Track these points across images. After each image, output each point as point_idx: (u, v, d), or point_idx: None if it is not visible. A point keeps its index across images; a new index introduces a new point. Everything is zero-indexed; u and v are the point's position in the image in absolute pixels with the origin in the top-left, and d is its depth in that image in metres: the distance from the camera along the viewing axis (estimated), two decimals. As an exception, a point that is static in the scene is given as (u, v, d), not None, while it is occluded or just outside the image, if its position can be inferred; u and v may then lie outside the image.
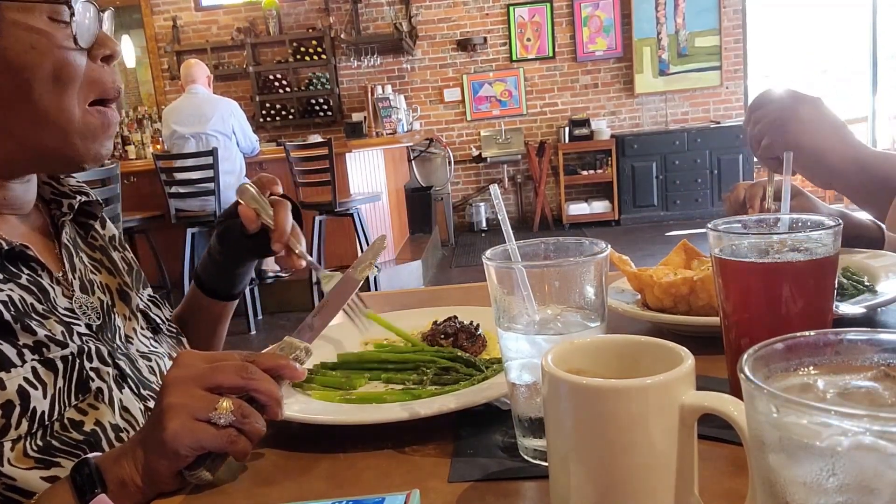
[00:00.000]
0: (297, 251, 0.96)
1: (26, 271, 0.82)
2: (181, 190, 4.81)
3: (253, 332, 4.77)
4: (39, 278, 0.83)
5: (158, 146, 6.08)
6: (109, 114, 0.83)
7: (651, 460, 0.47)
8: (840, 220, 0.67)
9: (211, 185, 4.68)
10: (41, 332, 0.78)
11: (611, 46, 7.75)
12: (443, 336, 0.94)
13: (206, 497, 0.68)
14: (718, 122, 7.66)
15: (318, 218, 4.76)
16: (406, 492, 0.58)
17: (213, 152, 4.65)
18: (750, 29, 7.74)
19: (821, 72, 8.04)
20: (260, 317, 5.03)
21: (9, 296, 0.77)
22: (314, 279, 4.72)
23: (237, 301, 1.14)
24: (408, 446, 0.73)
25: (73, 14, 0.77)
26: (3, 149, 0.80)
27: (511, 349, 0.65)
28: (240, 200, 0.97)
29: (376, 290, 4.64)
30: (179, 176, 4.80)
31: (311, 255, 4.64)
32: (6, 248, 0.79)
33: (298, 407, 0.79)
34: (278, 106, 7.77)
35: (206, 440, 0.67)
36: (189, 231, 4.78)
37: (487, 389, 0.78)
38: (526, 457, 0.67)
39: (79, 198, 0.94)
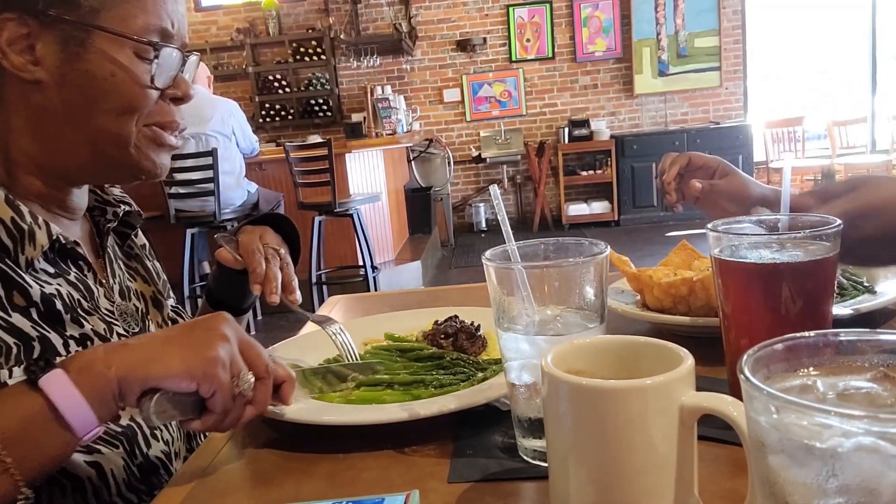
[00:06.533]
0: (287, 299, 0.99)
1: (74, 269, 0.84)
2: (181, 190, 4.80)
3: (253, 332, 4.76)
4: (85, 277, 0.85)
5: (158, 146, 6.07)
6: (164, 134, 0.85)
7: (651, 461, 0.47)
8: (840, 221, 0.67)
9: (211, 186, 4.67)
10: (87, 327, 0.81)
11: (610, 47, 7.75)
12: (443, 336, 0.94)
13: (206, 497, 0.69)
14: (718, 123, 7.65)
15: (317, 218, 4.75)
16: (406, 492, 0.58)
17: (212, 153, 4.64)
18: (749, 29, 7.73)
19: (820, 72, 8.04)
20: (260, 317, 5.02)
21: (58, 289, 0.79)
22: (314, 279, 4.72)
23: (247, 315, 1.16)
24: (408, 446, 0.73)
25: (157, 56, 0.80)
26: (68, 158, 0.82)
27: (511, 350, 0.65)
28: (219, 242, 1.02)
29: (376, 290, 4.63)
30: (179, 176, 4.78)
31: (311, 257, 4.66)
32: (63, 242, 0.81)
33: (298, 407, 0.79)
34: (278, 106, 7.76)
35: (220, 387, 0.68)
36: (189, 231, 4.77)
37: (487, 390, 0.78)
38: (525, 457, 0.67)
39: (122, 207, 0.97)
